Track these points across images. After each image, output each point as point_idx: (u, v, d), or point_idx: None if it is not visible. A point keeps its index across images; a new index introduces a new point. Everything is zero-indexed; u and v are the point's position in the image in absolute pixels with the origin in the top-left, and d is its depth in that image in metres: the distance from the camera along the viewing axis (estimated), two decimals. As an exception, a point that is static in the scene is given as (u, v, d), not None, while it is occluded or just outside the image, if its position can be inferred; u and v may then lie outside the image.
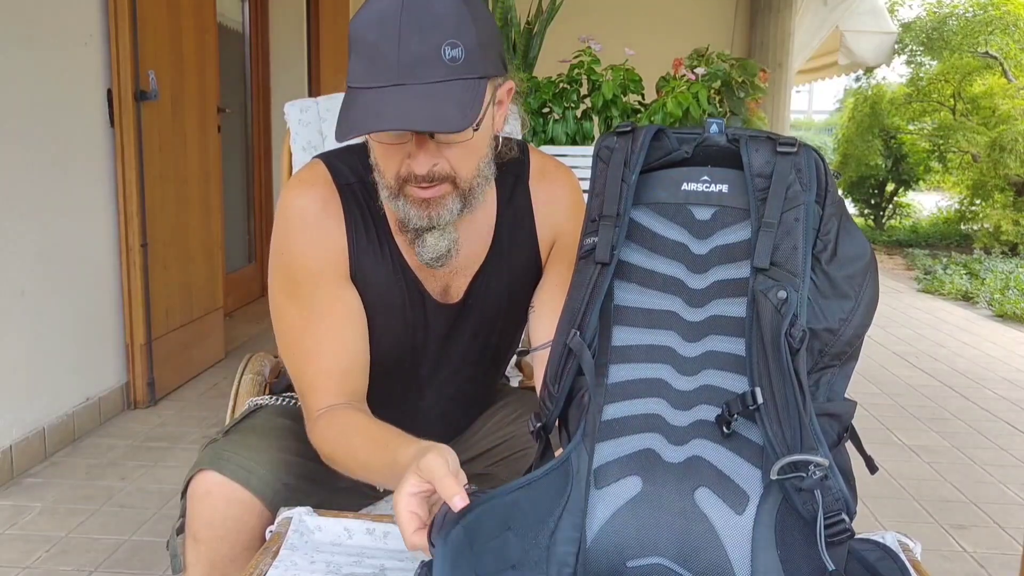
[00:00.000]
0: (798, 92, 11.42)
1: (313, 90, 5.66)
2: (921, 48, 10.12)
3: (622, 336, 0.90)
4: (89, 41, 2.99)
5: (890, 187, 10.48)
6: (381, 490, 1.27)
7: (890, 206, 10.60)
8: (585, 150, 3.06)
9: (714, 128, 0.89)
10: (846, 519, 0.80)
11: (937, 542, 2.42)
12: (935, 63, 10.11)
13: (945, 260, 7.67)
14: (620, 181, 0.90)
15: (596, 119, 3.21)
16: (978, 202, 9.13)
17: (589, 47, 3.22)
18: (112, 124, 3.11)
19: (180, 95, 3.48)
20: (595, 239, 0.89)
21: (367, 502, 1.27)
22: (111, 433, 3.04)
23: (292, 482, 1.13)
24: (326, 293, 1.11)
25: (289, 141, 1.70)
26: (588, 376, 0.87)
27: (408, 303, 1.17)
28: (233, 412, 1.43)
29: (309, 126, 1.70)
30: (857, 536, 0.82)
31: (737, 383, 0.85)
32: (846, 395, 0.87)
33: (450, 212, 1.06)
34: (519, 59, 3.39)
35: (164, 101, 3.32)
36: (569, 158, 2.87)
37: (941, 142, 9.50)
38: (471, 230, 1.15)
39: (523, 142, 1.25)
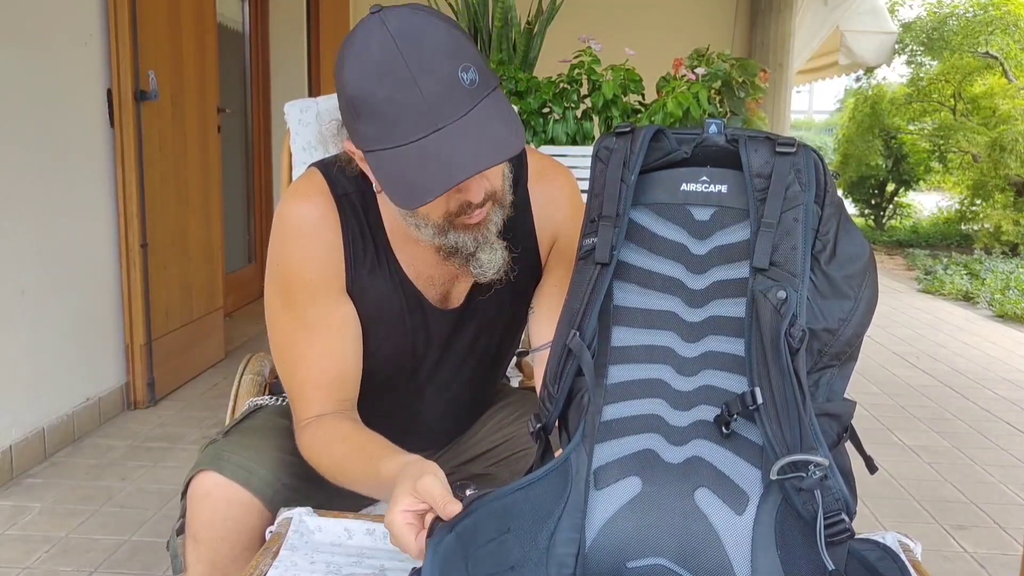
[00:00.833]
0: (798, 92, 11.41)
1: (313, 90, 5.66)
2: (921, 48, 10.13)
3: (621, 336, 0.90)
4: (89, 41, 2.99)
5: (890, 187, 10.48)
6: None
7: (890, 206, 10.61)
8: (585, 150, 3.05)
9: (713, 128, 0.89)
10: (846, 519, 0.80)
11: (937, 542, 2.42)
12: (935, 63, 10.12)
13: (945, 260, 7.67)
14: (619, 181, 0.90)
15: (596, 119, 3.20)
16: (978, 202, 9.13)
17: (589, 47, 3.22)
18: (112, 124, 3.11)
19: (180, 95, 3.48)
20: (594, 239, 0.89)
21: (367, 502, 1.27)
22: (111, 433, 3.04)
23: (292, 482, 1.13)
24: (320, 304, 1.11)
25: (289, 141, 1.70)
26: (588, 377, 0.87)
27: (407, 311, 1.17)
28: (233, 412, 1.43)
29: (309, 126, 1.70)
30: (857, 536, 0.82)
31: (736, 383, 0.85)
32: (845, 395, 0.87)
33: (496, 225, 1.07)
34: (519, 59, 3.39)
35: (164, 101, 3.32)
36: (569, 158, 2.87)
37: (941, 142, 9.51)
38: None
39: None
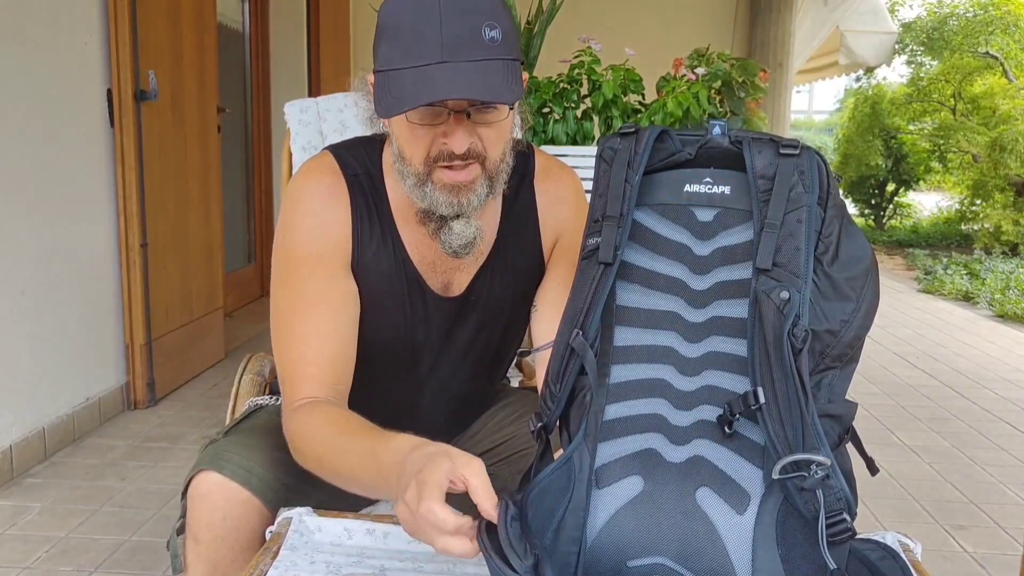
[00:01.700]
0: (798, 92, 11.43)
1: (313, 90, 5.66)
2: (921, 48, 10.15)
3: (624, 336, 0.90)
4: (89, 41, 2.99)
5: (890, 187, 10.49)
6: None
7: (890, 206, 10.61)
8: (585, 150, 3.05)
9: (717, 130, 0.89)
10: (847, 519, 0.80)
11: (937, 542, 2.42)
12: (935, 63, 10.13)
13: (945, 260, 7.67)
14: (623, 182, 0.90)
15: (596, 119, 3.20)
16: (978, 202, 9.14)
17: (589, 47, 3.22)
18: (112, 124, 3.11)
19: (180, 95, 3.48)
20: (598, 239, 0.90)
21: (367, 502, 1.27)
22: (111, 433, 3.04)
23: (292, 482, 1.13)
24: (321, 280, 1.11)
25: (289, 141, 1.70)
26: (591, 376, 0.87)
27: (408, 295, 1.17)
28: (233, 412, 1.43)
29: (309, 126, 1.70)
30: (858, 536, 0.82)
31: (738, 383, 0.85)
32: (846, 397, 0.87)
33: (478, 197, 1.07)
34: (519, 59, 3.38)
35: (164, 101, 3.32)
36: (570, 158, 2.86)
37: (941, 142, 9.52)
38: None
39: (528, 142, 1.26)
